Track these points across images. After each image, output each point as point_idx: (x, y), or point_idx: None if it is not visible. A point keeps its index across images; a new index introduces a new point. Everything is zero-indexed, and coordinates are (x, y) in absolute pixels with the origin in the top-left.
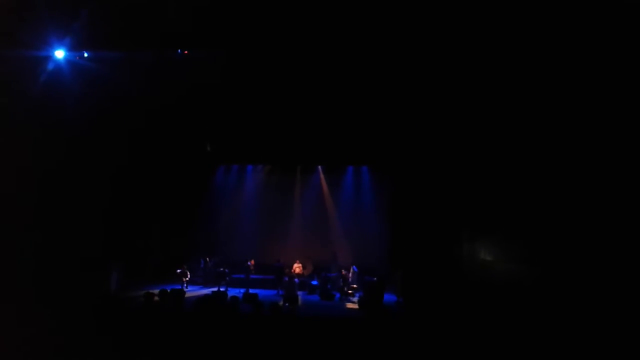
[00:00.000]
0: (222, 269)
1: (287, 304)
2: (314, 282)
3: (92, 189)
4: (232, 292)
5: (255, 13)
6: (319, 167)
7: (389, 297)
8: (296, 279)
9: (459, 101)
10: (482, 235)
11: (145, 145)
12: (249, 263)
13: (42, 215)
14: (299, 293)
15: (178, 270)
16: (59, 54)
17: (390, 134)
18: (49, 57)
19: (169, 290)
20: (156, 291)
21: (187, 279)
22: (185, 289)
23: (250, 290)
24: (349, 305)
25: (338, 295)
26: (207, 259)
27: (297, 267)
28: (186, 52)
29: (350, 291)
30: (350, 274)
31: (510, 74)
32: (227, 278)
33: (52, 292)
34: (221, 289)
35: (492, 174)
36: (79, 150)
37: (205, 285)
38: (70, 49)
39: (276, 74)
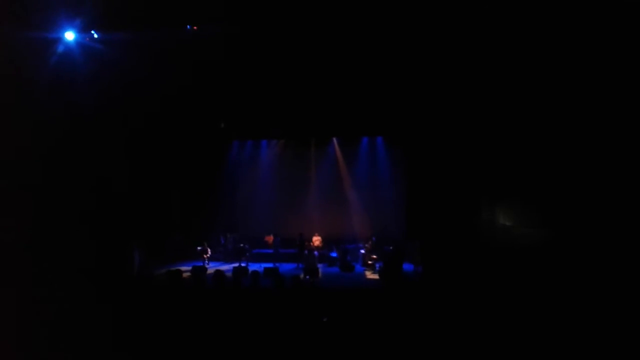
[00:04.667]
0: (242, 245)
1: (307, 277)
2: (333, 254)
3: (108, 170)
4: (253, 267)
5: None
6: (334, 139)
7: (407, 266)
8: (316, 252)
9: (474, 66)
10: (501, 200)
11: (159, 125)
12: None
13: (58, 198)
14: (319, 265)
15: (198, 248)
16: (69, 35)
17: (403, 101)
18: (59, 39)
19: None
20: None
21: (208, 255)
22: (206, 266)
23: (270, 265)
24: (370, 275)
25: (358, 266)
26: (227, 235)
27: (316, 240)
28: (195, 27)
29: (370, 262)
30: (371, 245)
31: (529, 43)
32: (248, 254)
33: (76, 274)
34: (242, 265)
35: (510, 138)
36: (94, 132)
37: (226, 261)
38: (80, 30)
39: (287, 46)
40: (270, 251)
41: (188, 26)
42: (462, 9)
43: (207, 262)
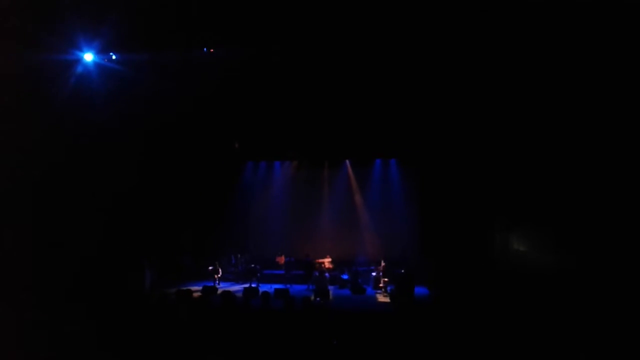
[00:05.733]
0: (253, 265)
1: (318, 299)
2: (345, 277)
3: (120, 188)
4: (264, 287)
5: (281, 10)
6: (347, 161)
7: (420, 290)
8: (327, 274)
9: (489, 91)
10: (515, 225)
11: (174, 144)
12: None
13: (69, 215)
14: (330, 288)
15: (210, 268)
16: (88, 57)
17: (417, 125)
18: (78, 61)
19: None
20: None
21: (219, 275)
22: (217, 286)
23: (281, 286)
24: (381, 298)
25: (370, 288)
26: (238, 255)
27: (327, 262)
28: (212, 50)
29: (381, 285)
30: (382, 268)
31: (543, 70)
32: (259, 274)
33: (88, 291)
34: (252, 285)
35: (524, 161)
36: (108, 150)
37: (237, 281)
38: (98, 52)
39: (302, 68)
40: (281, 272)
41: (205, 49)
42: (478, 32)
43: (217, 282)
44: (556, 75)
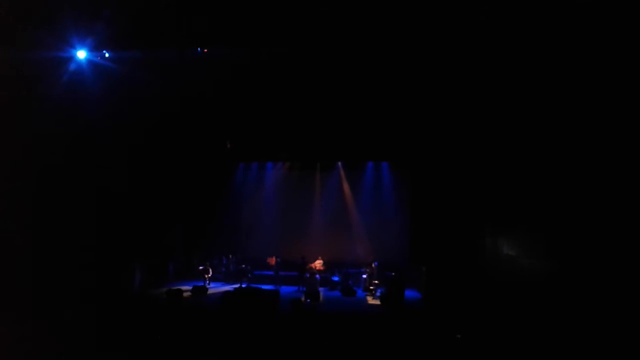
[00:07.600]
0: (244, 266)
1: (308, 300)
2: (335, 278)
3: (112, 188)
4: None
5: (275, 11)
6: (339, 163)
7: (410, 293)
8: (317, 276)
9: (480, 94)
10: (505, 230)
11: (166, 144)
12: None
13: (60, 215)
14: (321, 289)
15: (200, 268)
16: (81, 54)
17: (410, 128)
18: (71, 58)
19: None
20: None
21: (209, 276)
22: (207, 286)
23: (271, 287)
24: (371, 301)
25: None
26: (229, 255)
27: (318, 264)
28: (205, 50)
29: (372, 287)
30: (372, 270)
31: (536, 67)
32: (249, 275)
33: (76, 290)
34: (243, 286)
35: (515, 166)
36: (99, 149)
37: (227, 282)
38: (91, 49)
39: (296, 71)
40: (272, 273)
41: (199, 48)
42: (469, 40)
43: (208, 282)
44: (545, 82)
